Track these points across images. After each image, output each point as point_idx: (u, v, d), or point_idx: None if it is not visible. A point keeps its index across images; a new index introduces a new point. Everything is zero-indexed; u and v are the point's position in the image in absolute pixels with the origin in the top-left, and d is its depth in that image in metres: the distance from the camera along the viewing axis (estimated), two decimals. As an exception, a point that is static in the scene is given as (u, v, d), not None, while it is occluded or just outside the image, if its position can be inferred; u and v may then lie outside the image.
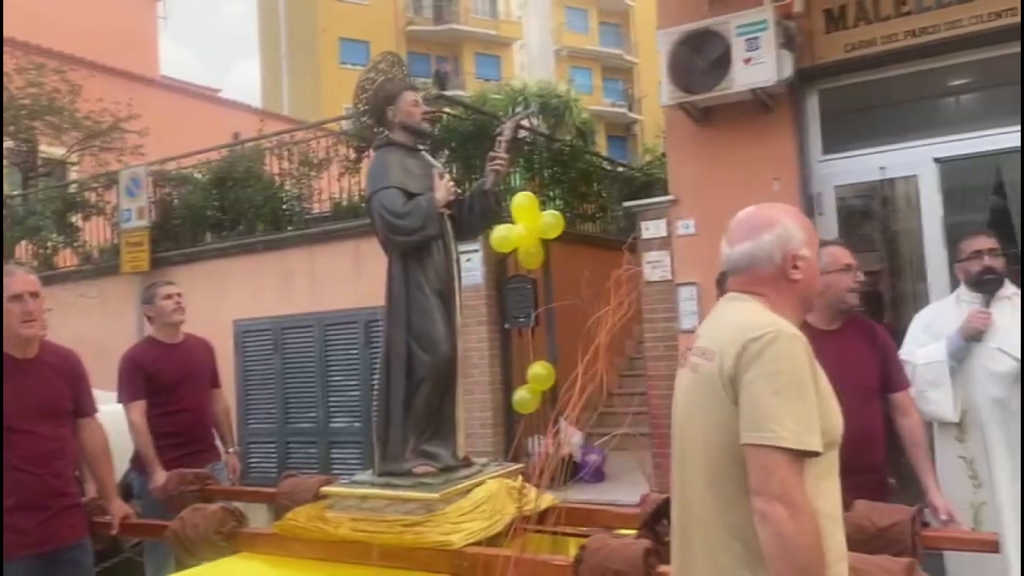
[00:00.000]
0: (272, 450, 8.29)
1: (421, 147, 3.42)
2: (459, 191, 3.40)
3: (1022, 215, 5.10)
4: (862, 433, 2.86)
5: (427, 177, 3.29)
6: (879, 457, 3.26)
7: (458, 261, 3.31)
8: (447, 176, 3.35)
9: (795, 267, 1.84)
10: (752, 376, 1.67)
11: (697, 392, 1.81)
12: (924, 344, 3.69)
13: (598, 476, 7.19)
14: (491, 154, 3.35)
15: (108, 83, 14.23)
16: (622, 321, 2.09)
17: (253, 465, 8.24)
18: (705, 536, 1.77)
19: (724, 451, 1.71)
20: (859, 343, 3.29)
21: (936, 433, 3.72)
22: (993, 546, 2.62)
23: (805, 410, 1.64)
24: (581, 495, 6.38)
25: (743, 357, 1.69)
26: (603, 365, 2.04)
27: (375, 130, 3.41)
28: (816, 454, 1.64)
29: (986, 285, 3.62)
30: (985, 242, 3.67)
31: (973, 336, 3.54)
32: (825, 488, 1.74)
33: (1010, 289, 3.67)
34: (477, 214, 3.38)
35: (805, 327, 1.88)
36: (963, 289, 3.76)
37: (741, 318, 1.78)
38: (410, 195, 3.19)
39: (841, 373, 2.00)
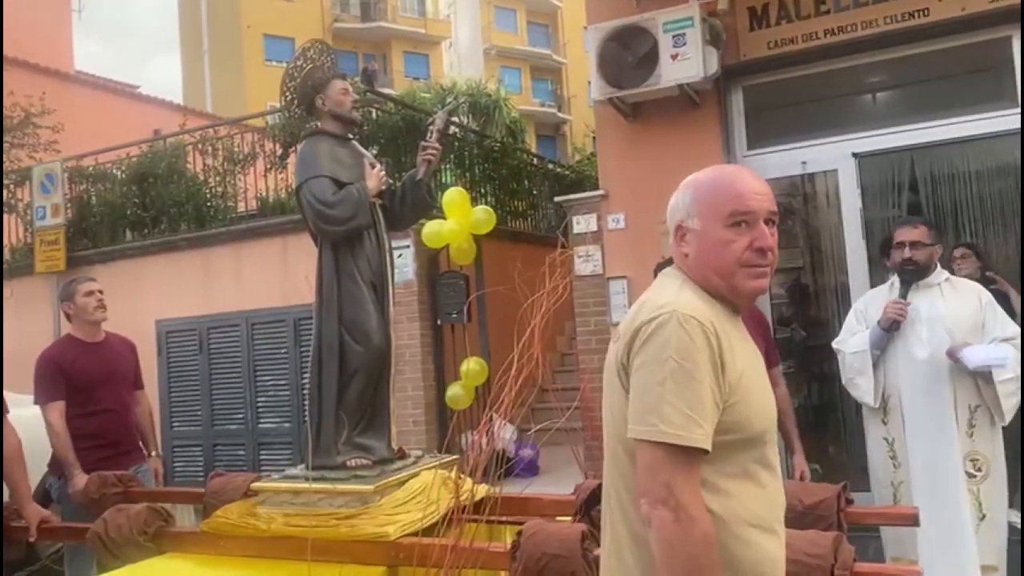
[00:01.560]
0: (198, 453, 8.07)
1: (351, 136, 3.37)
2: (390, 181, 3.36)
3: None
4: None
5: (358, 166, 3.25)
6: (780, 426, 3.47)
7: (390, 252, 3.28)
8: (379, 166, 3.31)
9: (683, 239, 1.68)
10: (640, 362, 1.54)
11: (607, 376, 1.68)
12: (856, 332, 3.81)
13: (532, 470, 7.22)
14: (423, 144, 3.32)
15: (19, 77, 13.63)
16: (556, 304, 2.09)
17: (178, 470, 8.02)
18: (616, 533, 1.67)
19: (624, 442, 1.58)
20: (752, 326, 3.41)
21: (865, 415, 3.89)
22: (911, 519, 2.73)
23: (694, 400, 1.48)
24: (516, 489, 6.40)
25: (635, 341, 1.56)
26: (539, 348, 2.04)
27: (307, 120, 3.35)
28: (702, 451, 1.48)
29: (905, 275, 3.69)
30: (909, 233, 3.70)
31: (890, 327, 3.62)
32: (748, 491, 1.58)
33: (941, 276, 3.72)
34: (409, 204, 3.35)
35: None
36: (895, 276, 3.82)
37: (651, 297, 1.64)
38: (340, 184, 3.14)
39: None
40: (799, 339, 7.36)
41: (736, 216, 1.62)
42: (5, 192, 9.96)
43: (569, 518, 2.97)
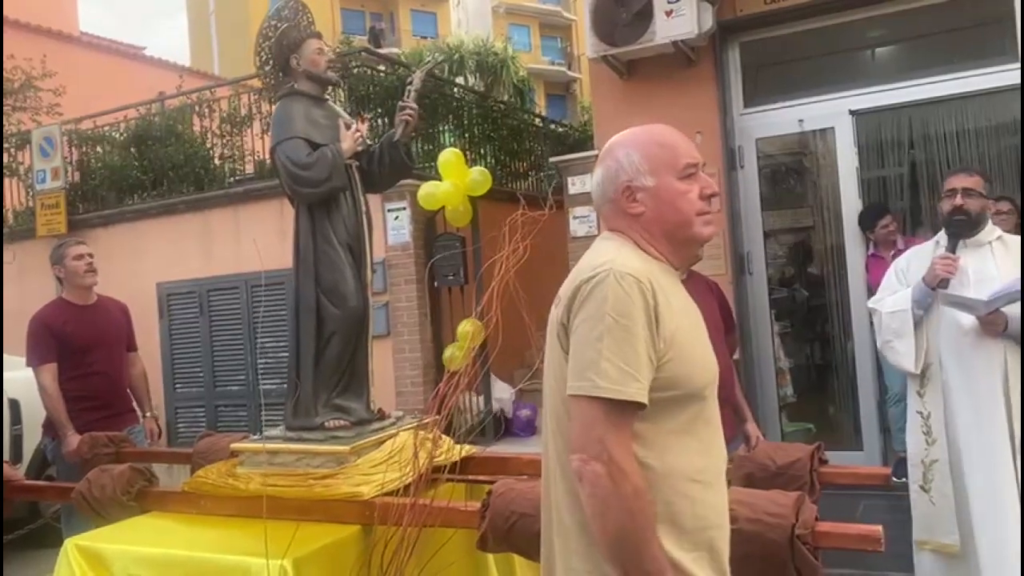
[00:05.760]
0: (201, 414, 8.16)
1: (327, 97, 3.34)
2: (368, 142, 3.34)
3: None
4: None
5: (333, 127, 3.22)
6: (733, 396, 3.38)
7: (367, 213, 3.26)
8: (355, 126, 3.28)
9: (632, 199, 1.67)
10: (579, 320, 1.55)
11: (548, 340, 1.69)
12: (896, 291, 3.47)
13: (530, 430, 7.27)
14: (400, 103, 3.29)
15: (23, 39, 13.57)
16: (517, 266, 2.08)
17: (182, 430, 8.12)
18: (556, 493, 1.68)
19: (564, 402, 1.60)
20: (703, 292, 3.33)
21: (907, 386, 3.52)
22: (883, 479, 2.73)
23: (631, 355, 1.49)
24: (513, 448, 6.46)
25: (575, 301, 1.57)
26: (498, 310, 2.04)
27: (280, 79, 3.31)
28: (639, 405, 1.50)
29: (954, 227, 3.34)
30: (962, 180, 3.33)
31: (936, 283, 3.25)
32: (689, 446, 1.60)
33: (992, 234, 3.36)
34: (387, 166, 3.32)
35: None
36: (942, 233, 3.45)
37: (589, 259, 1.64)
38: (315, 145, 3.12)
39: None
40: (801, 299, 7.34)
41: (689, 168, 1.69)
42: (6, 156, 9.97)
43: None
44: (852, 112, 5.46)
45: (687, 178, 1.68)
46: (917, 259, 3.49)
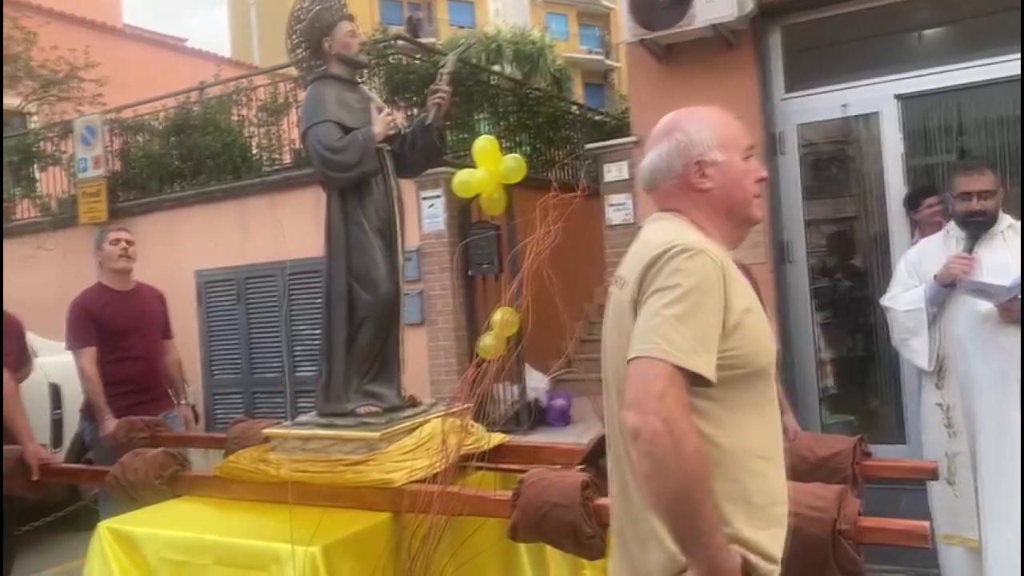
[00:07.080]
0: (238, 400, 8.25)
1: (359, 80, 3.31)
2: (401, 125, 3.30)
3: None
4: None
5: (365, 111, 3.19)
6: None
7: (399, 198, 3.23)
8: (386, 109, 3.24)
9: (702, 175, 1.67)
10: (650, 292, 1.53)
11: (611, 321, 1.68)
12: (909, 287, 3.53)
13: (564, 420, 7.23)
14: (432, 87, 3.25)
15: (67, 31, 13.80)
16: (549, 248, 2.02)
17: (219, 416, 8.21)
18: (621, 474, 1.67)
19: None
20: None
21: (921, 379, 3.59)
22: (931, 473, 2.63)
23: (699, 329, 1.47)
24: (547, 437, 6.42)
25: (647, 275, 1.55)
26: (528, 295, 1.99)
27: (312, 62, 3.29)
28: (702, 378, 1.46)
29: (971, 227, 3.39)
30: (977, 182, 3.38)
31: (950, 283, 3.32)
32: (754, 423, 1.60)
33: (1004, 222, 3.42)
34: (419, 150, 3.28)
35: None
36: (953, 224, 3.52)
37: (653, 238, 1.62)
38: (347, 129, 3.09)
39: None
40: (843, 289, 7.18)
41: (750, 149, 1.74)
42: (49, 145, 10.16)
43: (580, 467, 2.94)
44: (898, 97, 5.28)
45: (746, 159, 1.72)
46: (928, 253, 3.55)
